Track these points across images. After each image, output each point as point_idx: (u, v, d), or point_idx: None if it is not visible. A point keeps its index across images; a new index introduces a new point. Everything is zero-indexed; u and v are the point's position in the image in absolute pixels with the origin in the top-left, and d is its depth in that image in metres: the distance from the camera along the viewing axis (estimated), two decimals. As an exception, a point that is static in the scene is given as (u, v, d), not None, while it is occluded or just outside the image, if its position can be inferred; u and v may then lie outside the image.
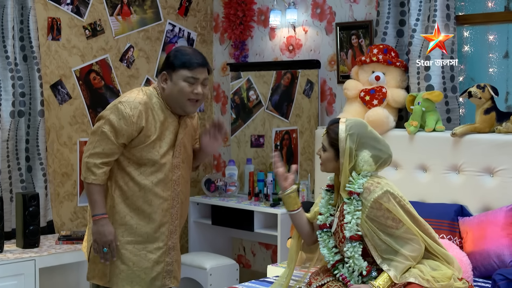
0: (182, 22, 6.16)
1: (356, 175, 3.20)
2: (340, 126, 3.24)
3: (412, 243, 3.15)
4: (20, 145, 5.02)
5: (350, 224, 3.16)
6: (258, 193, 5.66)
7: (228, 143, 6.29)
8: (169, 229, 3.58)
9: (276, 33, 5.95)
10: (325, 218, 3.34)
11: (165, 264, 3.58)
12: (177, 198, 3.59)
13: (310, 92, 5.65)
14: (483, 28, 4.83)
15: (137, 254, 3.52)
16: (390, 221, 3.14)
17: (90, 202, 3.48)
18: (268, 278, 4.12)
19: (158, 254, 3.55)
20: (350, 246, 3.16)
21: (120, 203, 3.50)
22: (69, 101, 5.43)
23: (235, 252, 6.35)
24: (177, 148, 3.55)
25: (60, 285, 4.98)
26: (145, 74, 5.91)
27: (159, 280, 3.57)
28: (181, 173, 3.59)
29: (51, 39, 5.31)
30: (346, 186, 3.20)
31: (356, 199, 3.17)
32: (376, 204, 3.14)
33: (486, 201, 4.21)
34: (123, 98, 3.48)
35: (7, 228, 4.87)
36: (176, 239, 3.61)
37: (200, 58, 3.48)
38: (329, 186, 3.41)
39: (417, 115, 4.55)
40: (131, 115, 3.41)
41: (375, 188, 3.16)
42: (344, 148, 3.20)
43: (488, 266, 3.91)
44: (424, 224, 3.26)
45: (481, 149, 4.23)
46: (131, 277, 3.52)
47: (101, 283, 3.58)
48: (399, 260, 3.12)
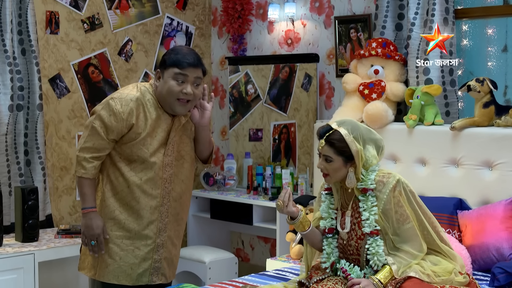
0: (180, 16, 6.15)
1: (365, 172, 3.20)
2: (341, 131, 3.18)
3: (415, 242, 3.16)
4: (18, 139, 5.01)
5: (369, 220, 3.14)
6: (256, 187, 5.66)
7: (227, 137, 6.29)
8: (158, 227, 3.55)
9: (275, 26, 5.94)
10: (327, 223, 3.33)
11: (153, 261, 3.56)
12: (168, 196, 3.56)
13: (308, 86, 5.65)
14: (482, 22, 4.82)
15: (125, 249, 3.52)
16: (398, 215, 3.15)
17: (80, 195, 3.52)
18: (268, 272, 4.13)
19: (146, 251, 3.54)
20: (372, 241, 3.15)
21: (110, 197, 3.51)
22: (67, 95, 5.42)
23: (234, 246, 6.36)
24: (169, 146, 3.52)
25: (59, 279, 4.99)
26: (143, 68, 5.90)
27: (146, 277, 3.56)
28: (174, 172, 3.56)
29: (49, 33, 5.30)
30: (357, 185, 3.19)
31: (372, 195, 3.17)
32: (390, 195, 3.15)
33: (485, 194, 4.22)
34: (116, 94, 3.48)
35: (6, 222, 4.87)
36: (165, 237, 3.58)
37: (192, 58, 3.43)
38: (327, 189, 3.38)
39: (416, 109, 4.55)
40: (121, 112, 3.40)
41: (387, 179, 3.17)
42: (356, 150, 3.15)
43: (487, 260, 3.92)
44: (431, 217, 3.27)
45: (480, 142, 4.23)
46: (117, 272, 3.52)
47: (89, 275, 3.61)
48: (402, 256, 3.13)
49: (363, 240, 3.19)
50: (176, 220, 3.64)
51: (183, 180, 3.62)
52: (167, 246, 3.60)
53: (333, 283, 3.18)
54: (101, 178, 3.55)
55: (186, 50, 3.48)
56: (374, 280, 3.10)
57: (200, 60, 3.47)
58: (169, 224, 3.58)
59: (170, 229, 3.60)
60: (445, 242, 3.29)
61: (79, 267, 3.69)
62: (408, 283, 3.06)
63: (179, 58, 3.41)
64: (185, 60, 3.40)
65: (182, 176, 3.62)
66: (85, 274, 3.65)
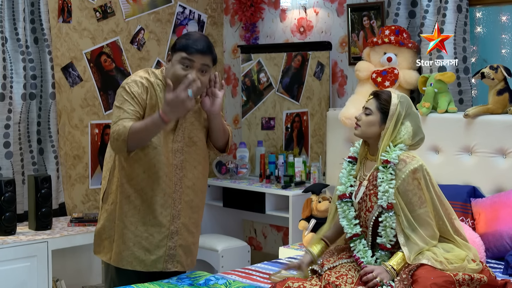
0: (192, 4, 6.14)
1: (392, 147, 3.20)
2: (392, 92, 3.26)
3: (429, 227, 3.15)
4: (31, 127, 5.03)
5: (388, 193, 3.14)
6: (269, 175, 5.66)
7: (239, 126, 6.29)
8: (172, 214, 3.53)
9: (287, 14, 5.92)
10: (345, 188, 3.32)
11: (167, 249, 3.54)
12: (180, 183, 3.54)
13: (321, 74, 5.63)
14: (495, 9, 4.79)
15: (139, 235, 3.50)
16: (416, 198, 3.14)
17: (146, 127, 3.29)
18: (280, 259, 4.13)
19: (160, 238, 3.52)
20: (387, 216, 3.14)
21: (125, 183, 3.49)
22: (80, 84, 5.43)
23: (246, 234, 6.37)
24: (179, 132, 3.50)
25: (72, 267, 5.01)
26: (155, 56, 5.90)
27: (160, 263, 3.54)
28: (185, 158, 3.54)
29: (61, 22, 5.30)
30: (381, 155, 3.20)
31: (392, 168, 3.17)
32: (410, 176, 3.14)
33: (499, 182, 4.20)
34: (128, 79, 3.45)
35: (20, 211, 4.88)
36: (179, 224, 3.55)
37: (201, 45, 3.38)
38: (351, 158, 3.39)
39: (429, 97, 4.53)
40: (139, 92, 3.39)
41: (411, 161, 3.16)
42: (394, 112, 3.20)
43: (501, 247, 3.91)
44: (448, 207, 3.26)
45: (493, 130, 4.21)
46: (131, 258, 3.51)
47: (105, 258, 3.58)
48: (414, 240, 3.12)
49: (371, 212, 3.19)
50: (191, 207, 3.61)
51: (196, 167, 3.60)
52: (182, 233, 3.59)
53: (346, 270, 3.18)
54: (116, 165, 3.53)
55: (198, 36, 3.45)
56: (387, 267, 3.09)
57: (211, 47, 3.43)
58: (182, 211, 3.57)
59: (185, 216, 3.58)
60: (459, 234, 3.27)
61: (94, 250, 3.66)
62: (420, 271, 3.05)
63: (189, 43, 3.38)
64: (194, 46, 3.37)
65: (195, 163, 3.59)
66: (100, 257, 3.63)
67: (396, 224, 3.15)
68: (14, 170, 4.86)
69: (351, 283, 3.10)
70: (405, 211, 3.15)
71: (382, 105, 3.24)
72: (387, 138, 3.21)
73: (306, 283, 3.13)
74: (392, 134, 3.21)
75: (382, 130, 3.23)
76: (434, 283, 2.97)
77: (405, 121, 3.22)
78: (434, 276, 3.00)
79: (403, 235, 3.14)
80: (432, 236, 3.16)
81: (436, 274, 3.02)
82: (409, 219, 3.14)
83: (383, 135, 3.22)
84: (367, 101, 3.31)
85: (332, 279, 3.10)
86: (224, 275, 3.69)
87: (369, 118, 3.25)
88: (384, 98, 3.25)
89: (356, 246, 3.23)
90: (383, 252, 3.19)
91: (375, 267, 3.11)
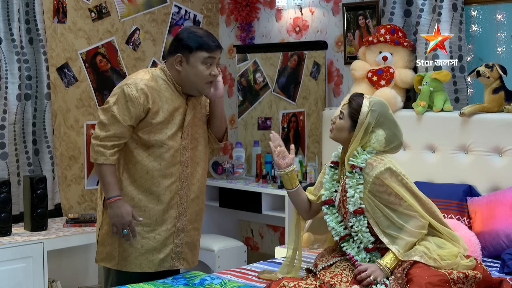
0: (188, 4, 6.13)
1: (361, 151, 3.21)
2: (364, 100, 3.24)
3: (415, 219, 3.16)
4: (27, 128, 5.01)
5: (354, 198, 3.17)
6: (265, 175, 5.65)
7: (235, 126, 6.28)
8: (178, 211, 3.56)
9: (283, 14, 5.92)
10: (330, 194, 3.35)
11: (174, 246, 3.57)
12: (186, 180, 3.57)
13: (317, 74, 5.63)
14: (491, 8, 4.79)
15: (146, 236, 3.52)
16: (393, 197, 3.16)
17: (103, 184, 3.44)
18: (276, 259, 4.12)
19: (166, 236, 3.54)
20: (355, 220, 3.18)
21: (128, 186, 3.50)
22: (75, 84, 5.42)
23: (243, 235, 6.36)
24: (186, 129, 3.53)
25: (68, 268, 5.00)
26: (151, 56, 5.89)
27: (168, 262, 3.57)
28: (190, 155, 3.58)
29: (56, 22, 5.29)
30: (349, 160, 3.20)
31: (358, 173, 3.19)
32: (378, 180, 3.16)
33: (495, 181, 4.20)
34: (129, 80, 3.47)
35: (15, 211, 4.87)
36: (185, 221, 3.59)
37: (215, 40, 3.49)
38: (333, 163, 3.41)
39: (425, 95, 4.53)
40: (137, 97, 3.40)
41: (377, 164, 3.17)
42: (363, 121, 3.20)
43: (497, 246, 3.90)
44: (428, 203, 3.26)
45: (489, 128, 4.21)
46: (140, 260, 3.52)
47: (110, 265, 3.58)
48: (402, 237, 3.13)
49: (347, 218, 3.24)
50: (197, 203, 3.65)
51: (198, 163, 3.65)
52: (188, 230, 3.62)
53: (341, 269, 3.18)
54: (117, 167, 3.52)
55: (203, 31, 3.52)
56: (381, 265, 3.09)
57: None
58: (188, 208, 3.60)
59: (191, 213, 3.61)
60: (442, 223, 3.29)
61: (96, 259, 3.64)
62: (415, 270, 3.05)
63: (205, 40, 3.43)
64: (211, 43, 3.45)
65: (197, 159, 3.64)
66: (104, 265, 3.62)
67: (373, 226, 3.16)
68: (9, 170, 4.85)
69: (346, 282, 3.10)
70: (386, 211, 3.16)
71: (351, 113, 3.25)
72: (354, 145, 3.24)
73: (301, 282, 3.14)
74: (361, 141, 3.23)
75: (351, 136, 3.25)
76: (429, 282, 2.97)
77: (376, 129, 3.22)
78: (428, 275, 3.00)
79: (385, 236, 3.15)
80: (420, 226, 3.17)
81: (431, 273, 3.02)
82: (392, 219, 3.15)
83: (351, 142, 3.24)
84: (343, 105, 3.33)
85: (327, 279, 3.10)
86: (219, 275, 3.69)
87: (341, 123, 3.28)
88: (354, 107, 3.25)
89: (348, 246, 3.24)
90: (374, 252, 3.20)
91: (369, 265, 3.12)
